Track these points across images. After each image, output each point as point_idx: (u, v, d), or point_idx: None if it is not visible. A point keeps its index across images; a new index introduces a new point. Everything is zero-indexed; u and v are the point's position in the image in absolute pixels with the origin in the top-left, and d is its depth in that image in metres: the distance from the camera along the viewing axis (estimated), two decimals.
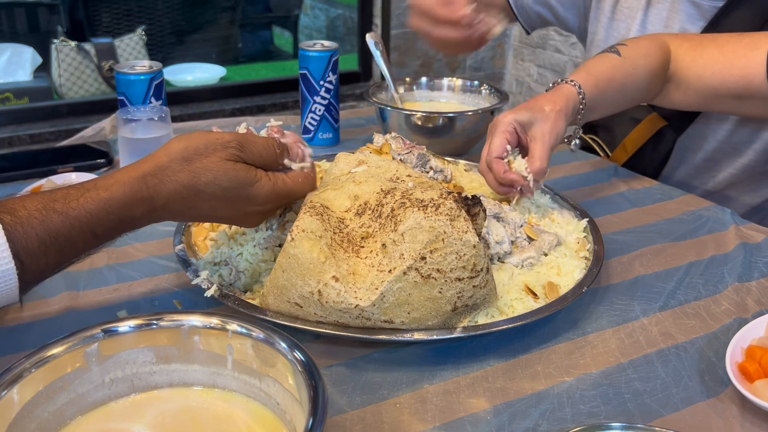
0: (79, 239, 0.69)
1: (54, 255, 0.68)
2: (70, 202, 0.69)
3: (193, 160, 0.74)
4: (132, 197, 0.72)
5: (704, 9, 1.24)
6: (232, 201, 0.77)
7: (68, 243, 0.68)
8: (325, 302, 0.75)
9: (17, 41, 3.20)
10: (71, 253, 0.70)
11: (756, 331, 0.80)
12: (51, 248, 0.67)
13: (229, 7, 3.72)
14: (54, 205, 0.68)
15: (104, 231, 0.71)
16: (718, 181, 1.34)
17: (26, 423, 0.59)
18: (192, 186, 0.74)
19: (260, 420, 0.64)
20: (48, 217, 0.67)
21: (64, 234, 0.68)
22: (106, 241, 0.73)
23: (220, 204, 0.76)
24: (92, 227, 0.70)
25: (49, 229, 0.67)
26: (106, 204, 0.70)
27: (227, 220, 0.82)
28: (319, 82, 1.31)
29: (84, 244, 0.70)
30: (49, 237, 0.67)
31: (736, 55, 1.09)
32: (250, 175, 0.77)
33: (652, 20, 1.30)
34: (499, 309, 0.83)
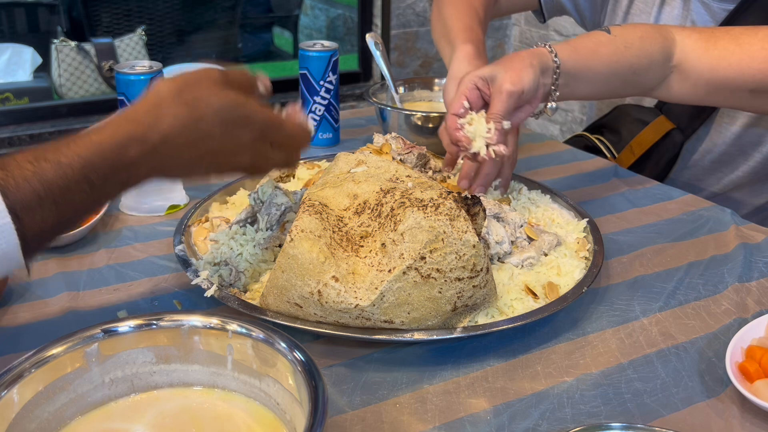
0: (74, 189, 0.65)
1: (50, 208, 0.64)
2: (61, 149, 0.65)
3: (185, 94, 0.71)
4: (127, 137, 0.68)
5: (714, 11, 1.24)
6: (232, 127, 0.73)
7: (63, 194, 0.65)
8: (324, 302, 0.75)
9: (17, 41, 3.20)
10: (68, 207, 0.66)
11: (756, 331, 0.80)
12: (46, 200, 0.64)
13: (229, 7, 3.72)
14: (45, 155, 0.64)
15: (99, 178, 0.67)
16: (724, 184, 1.34)
17: (26, 423, 0.59)
18: (189, 116, 0.70)
19: (260, 420, 0.64)
20: (40, 167, 0.64)
21: (58, 183, 0.64)
22: (104, 196, 0.70)
23: (222, 134, 0.73)
24: (86, 174, 0.66)
25: (42, 179, 0.63)
26: (98, 147, 0.66)
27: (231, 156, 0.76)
28: (319, 82, 1.31)
29: (80, 195, 0.66)
30: (43, 188, 0.63)
31: (754, 48, 1.05)
32: (240, 97, 0.74)
33: (665, 19, 1.30)
34: (499, 309, 0.83)
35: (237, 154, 0.76)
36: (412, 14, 3.26)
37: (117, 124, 0.69)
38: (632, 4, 1.35)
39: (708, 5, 1.24)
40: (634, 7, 1.35)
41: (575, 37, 1.08)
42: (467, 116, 0.94)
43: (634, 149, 1.38)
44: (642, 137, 1.36)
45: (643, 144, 1.36)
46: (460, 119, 0.94)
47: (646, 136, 1.35)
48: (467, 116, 0.94)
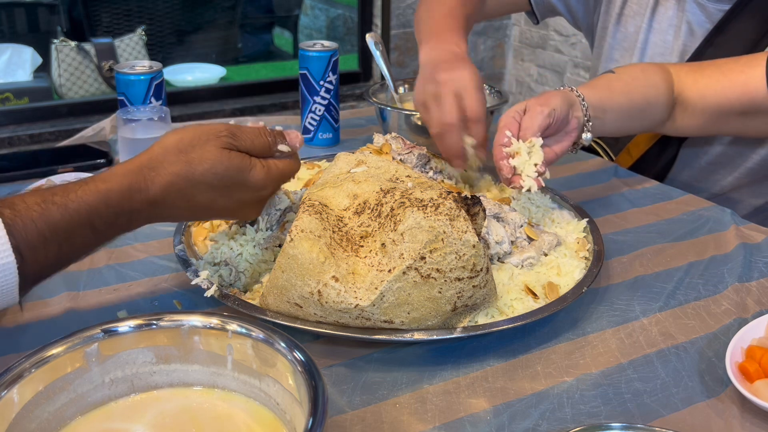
0: (77, 233, 0.69)
1: (53, 249, 0.67)
2: (68, 194, 0.69)
3: (187, 152, 0.74)
4: (129, 188, 0.71)
5: (710, 11, 1.24)
6: (229, 189, 0.77)
7: (67, 237, 0.68)
8: (324, 302, 0.75)
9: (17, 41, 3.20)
10: (69, 248, 0.70)
11: (756, 331, 0.80)
12: (50, 241, 0.67)
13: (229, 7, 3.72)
14: (53, 198, 0.68)
15: (103, 224, 0.71)
16: (722, 186, 1.34)
17: (26, 423, 0.59)
18: (188, 177, 0.74)
19: (260, 420, 0.64)
20: (47, 209, 0.67)
21: (63, 227, 0.67)
22: (104, 239, 0.73)
23: (218, 194, 0.76)
24: (91, 220, 0.69)
25: (48, 221, 0.66)
26: (104, 195, 0.70)
27: (226, 212, 0.82)
28: (319, 82, 1.31)
29: (82, 239, 0.70)
30: (49, 230, 0.66)
31: (734, 73, 1.11)
32: (244, 162, 0.77)
33: (659, 19, 1.30)
34: (499, 309, 0.83)
35: (233, 211, 0.81)
36: (412, 14, 3.26)
37: (122, 174, 0.72)
38: (626, 5, 1.35)
39: (703, 5, 1.24)
40: (628, 8, 1.35)
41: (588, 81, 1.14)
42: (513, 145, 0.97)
43: (631, 151, 1.38)
44: (639, 139, 1.36)
45: (640, 146, 1.36)
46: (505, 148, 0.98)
47: (644, 138, 1.35)
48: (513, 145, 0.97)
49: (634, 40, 1.34)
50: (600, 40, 1.42)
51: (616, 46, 1.38)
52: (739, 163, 1.30)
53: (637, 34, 1.33)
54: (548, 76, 3.40)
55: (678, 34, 1.28)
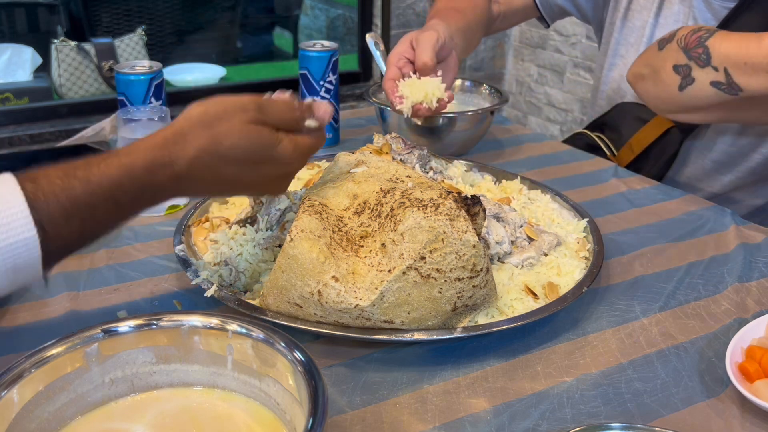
0: (100, 208, 0.67)
1: (76, 224, 0.66)
2: (91, 168, 0.67)
3: (213, 125, 0.72)
4: (153, 161, 0.69)
5: (716, 9, 1.24)
6: (256, 165, 0.75)
7: (90, 212, 0.66)
8: (324, 302, 0.75)
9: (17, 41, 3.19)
10: (93, 224, 0.68)
11: (756, 331, 0.80)
12: (73, 217, 0.65)
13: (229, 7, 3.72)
14: (75, 172, 0.66)
15: (127, 199, 0.69)
16: (723, 184, 1.34)
17: (26, 423, 0.59)
18: (214, 151, 0.72)
19: (260, 420, 0.64)
20: (69, 183, 0.66)
21: (85, 201, 0.66)
22: (128, 215, 0.71)
23: (244, 169, 0.74)
24: (114, 194, 0.67)
25: (70, 196, 0.65)
26: (128, 169, 0.68)
27: (252, 187, 0.80)
28: (319, 82, 1.31)
29: (105, 214, 0.68)
30: (71, 204, 0.65)
31: None
32: (272, 138, 0.75)
33: (665, 14, 1.31)
34: (499, 309, 0.83)
35: (260, 185, 0.79)
36: (412, 14, 3.26)
37: (146, 147, 0.70)
38: (633, 1, 1.35)
39: (709, 2, 1.24)
40: (635, 3, 1.35)
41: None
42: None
43: (633, 147, 1.38)
44: (641, 135, 1.36)
45: (642, 142, 1.36)
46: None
47: (646, 134, 1.35)
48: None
49: (641, 35, 1.34)
50: (607, 36, 1.42)
51: (622, 41, 1.38)
52: (740, 162, 1.30)
53: (644, 29, 1.33)
54: (548, 76, 3.40)
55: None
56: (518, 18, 1.54)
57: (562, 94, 3.35)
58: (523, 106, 3.59)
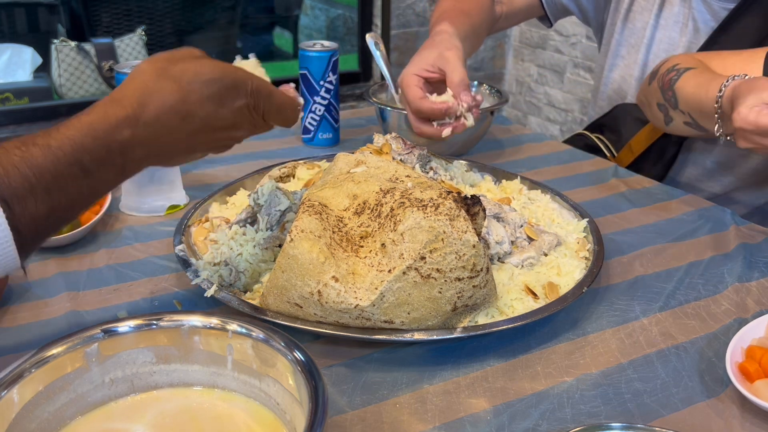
0: (66, 174, 0.62)
1: (42, 196, 0.60)
2: (50, 134, 0.62)
3: (169, 68, 0.69)
4: (116, 117, 0.65)
5: (715, 10, 1.24)
6: (222, 96, 0.70)
7: (55, 180, 0.61)
8: (324, 302, 0.75)
9: (17, 41, 3.20)
10: (61, 195, 0.62)
11: (756, 331, 0.80)
12: (37, 187, 0.60)
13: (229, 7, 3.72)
14: (34, 140, 0.61)
15: (93, 162, 0.63)
16: (724, 185, 1.34)
17: (26, 423, 0.59)
18: (178, 91, 0.68)
19: (260, 420, 0.64)
20: (29, 152, 0.60)
21: (49, 168, 0.60)
22: (99, 184, 0.66)
23: (213, 103, 0.70)
24: (78, 158, 0.62)
25: (31, 164, 0.60)
26: (89, 128, 0.63)
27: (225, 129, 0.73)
28: (319, 82, 1.31)
29: (73, 181, 0.63)
30: (34, 174, 0.60)
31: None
32: (228, 66, 0.72)
33: (665, 15, 1.31)
34: (499, 309, 0.83)
35: (230, 125, 0.73)
36: (412, 14, 3.26)
37: (106, 106, 0.66)
38: (634, 2, 1.35)
39: (709, 4, 1.24)
40: (636, 4, 1.35)
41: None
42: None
43: (633, 148, 1.38)
44: (641, 136, 1.36)
45: (642, 143, 1.36)
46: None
47: (646, 136, 1.36)
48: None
49: (641, 37, 1.35)
50: (608, 37, 1.42)
51: (623, 42, 1.38)
52: (740, 163, 1.30)
53: (644, 30, 1.34)
54: (548, 76, 3.40)
55: (684, 31, 1.29)
56: (521, 17, 1.54)
57: (562, 94, 3.35)
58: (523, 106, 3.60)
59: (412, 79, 1.11)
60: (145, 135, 0.66)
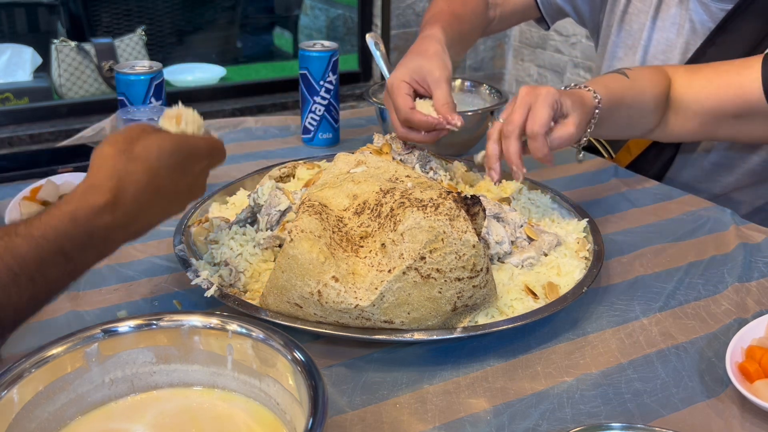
0: (49, 263, 0.63)
1: (25, 286, 0.62)
2: (32, 223, 0.64)
3: (132, 149, 0.71)
4: (96, 203, 0.67)
5: (712, 11, 1.24)
6: (185, 165, 0.75)
7: (38, 268, 0.63)
8: (324, 302, 0.75)
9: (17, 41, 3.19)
10: (44, 282, 0.64)
11: (756, 331, 0.80)
12: (21, 277, 0.61)
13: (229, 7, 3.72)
14: (16, 230, 0.63)
15: (75, 249, 0.66)
16: (723, 186, 1.34)
17: (26, 423, 0.59)
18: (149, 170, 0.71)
19: (260, 420, 0.64)
20: (11, 241, 0.62)
21: (32, 257, 0.62)
22: (78, 268, 0.68)
23: (178, 173, 0.74)
24: (61, 245, 0.64)
25: (15, 254, 0.61)
26: (71, 216, 0.65)
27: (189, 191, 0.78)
28: (319, 82, 1.31)
29: (56, 269, 0.64)
30: (17, 263, 0.61)
31: (730, 75, 1.10)
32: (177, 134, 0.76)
33: (662, 17, 1.30)
34: (499, 309, 0.83)
35: (192, 187, 0.79)
36: (412, 14, 3.26)
37: (85, 194, 0.68)
38: (630, 3, 1.35)
39: (706, 5, 1.24)
40: (632, 6, 1.35)
41: (606, 78, 1.11)
42: None
43: (631, 149, 1.38)
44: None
45: (640, 144, 1.36)
46: None
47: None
48: None
49: (638, 38, 1.34)
50: (604, 39, 1.42)
51: (620, 44, 1.38)
52: (739, 164, 1.30)
53: (641, 32, 1.33)
54: (548, 76, 3.39)
55: (681, 32, 1.29)
56: (516, 19, 1.54)
57: None
58: None
59: (402, 87, 1.09)
60: (124, 218, 0.69)
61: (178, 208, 0.79)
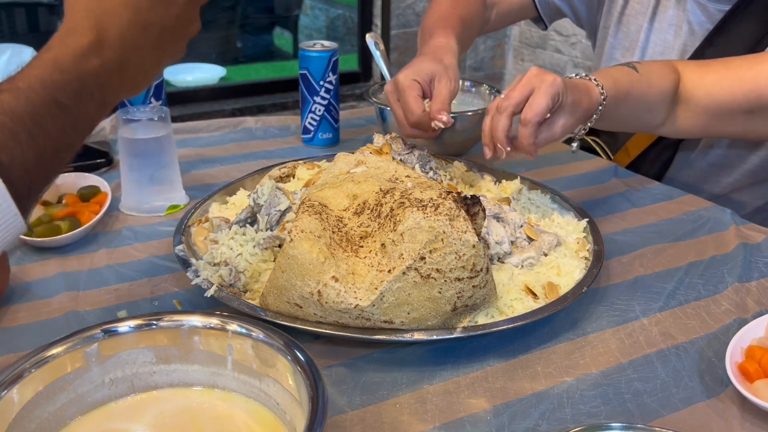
0: (44, 114, 0.59)
1: (26, 141, 0.58)
2: (14, 79, 0.60)
3: None
4: (79, 45, 0.63)
5: (710, 12, 1.24)
6: (170, 3, 0.70)
7: (35, 123, 0.59)
8: (324, 302, 0.75)
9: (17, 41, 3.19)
10: (45, 137, 0.60)
11: (756, 331, 0.80)
12: (17, 132, 0.57)
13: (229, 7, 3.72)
14: (1, 88, 0.59)
15: (68, 97, 0.61)
16: (723, 186, 1.34)
17: (26, 423, 0.59)
18: (126, 2, 0.66)
19: (260, 420, 0.64)
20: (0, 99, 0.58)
21: (24, 110, 0.58)
22: (80, 118, 0.64)
23: (162, 5, 0.69)
24: (51, 94, 0.60)
25: (7, 111, 0.57)
26: (54, 63, 0.61)
27: (181, 26, 0.73)
28: (319, 82, 1.31)
29: (53, 121, 0.60)
30: (12, 120, 0.57)
31: (742, 69, 1.08)
32: None
33: (660, 18, 1.30)
34: (499, 309, 0.83)
35: (183, 22, 0.73)
36: (412, 14, 3.26)
37: (63, 38, 0.63)
38: (627, 4, 1.35)
39: (704, 6, 1.24)
40: (630, 8, 1.35)
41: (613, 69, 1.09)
42: None
43: (629, 151, 1.38)
44: (637, 138, 1.36)
45: (638, 145, 1.36)
46: None
47: (642, 138, 1.35)
48: None
49: (636, 40, 1.34)
50: (602, 40, 1.42)
51: (617, 46, 1.38)
52: (738, 164, 1.30)
53: (639, 33, 1.33)
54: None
55: (678, 33, 1.29)
56: (513, 18, 1.54)
57: None
58: None
59: (414, 87, 1.08)
60: (114, 59, 0.65)
61: (175, 48, 0.73)
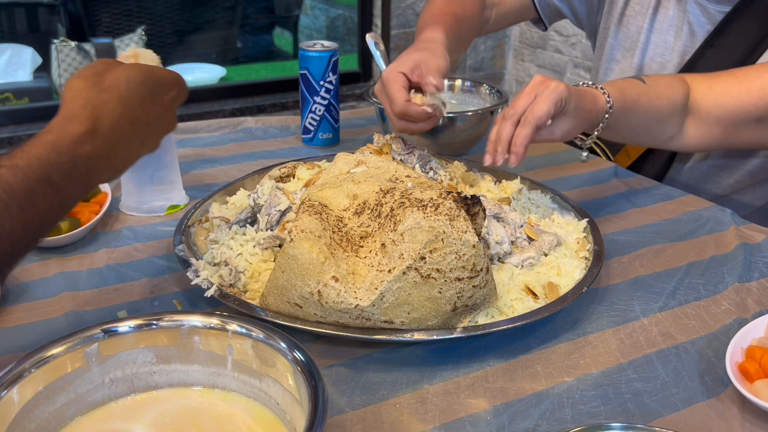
0: (38, 192, 0.64)
1: (17, 215, 0.62)
2: (15, 155, 0.65)
3: (102, 81, 0.73)
4: (76, 132, 0.69)
5: (711, 13, 1.24)
6: (155, 93, 0.77)
7: (27, 199, 0.63)
8: (324, 302, 0.75)
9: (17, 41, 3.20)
10: (34, 212, 0.64)
11: (756, 331, 0.80)
12: (11, 206, 0.62)
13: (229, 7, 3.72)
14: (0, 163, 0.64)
15: (60, 177, 0.66)
16: (723, 187, 1.34)
17: (26, 423, 0.59)
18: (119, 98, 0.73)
19: (260, 420, 0.64)
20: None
21: (19, 186, 0.63)
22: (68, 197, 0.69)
23: (150, 102, 0.76)
24: (46, 174, 0.65)
25: (3, 185, 0.62)
26: (53, 145, 0.67)
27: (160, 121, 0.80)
28: (319, 82, 1.31)
29: (44, 198, 0.65)
30: (5, 192, 0.62)
31: (750, 78, 1.09)
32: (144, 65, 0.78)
33: (660, 19, 1.30)
34: (499, 309, 0.83)
35: (164, 119, 0.80)
36: (412, 14, 3.26)
37: (63, 123, 0.70)
38: (628, 5, 1.35)
39: (704, 7, 1.24)
40: (630, 8, 1.35)
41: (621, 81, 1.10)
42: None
43: (629, 152, 1.38)
44: None
45: (639, 147, 1.36)
46: None
47: None
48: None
49: (636, 40, 1.34)
50: (602, 41, 1.42)
51: (617, 46, 1.38)
52: (738, 166, 1.30)
53: (639, 34, 1.33)
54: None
55: (679, 34, 1.29)
56: (513, 19, 1.54)
57: None
58: None
59: (398, 78, 1.08)
60: (104, 147, 0.71)
61: (153, 142, 0.80)
